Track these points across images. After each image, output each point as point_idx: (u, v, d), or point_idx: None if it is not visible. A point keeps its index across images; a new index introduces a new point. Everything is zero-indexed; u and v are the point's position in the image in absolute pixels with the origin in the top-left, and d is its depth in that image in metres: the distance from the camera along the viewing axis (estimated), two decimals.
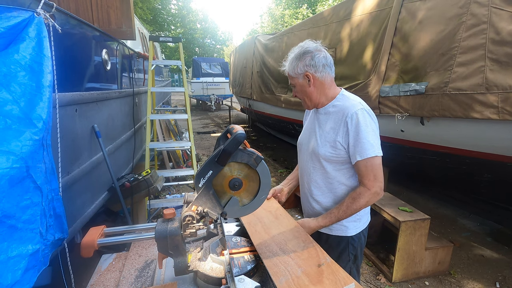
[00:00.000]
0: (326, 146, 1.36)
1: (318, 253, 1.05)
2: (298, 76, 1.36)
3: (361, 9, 3.39)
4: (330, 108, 1.39)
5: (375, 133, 1.28)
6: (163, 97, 9.04)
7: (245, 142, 1.06)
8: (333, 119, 1.36)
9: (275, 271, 0.95)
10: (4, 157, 0.93)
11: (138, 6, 15.99)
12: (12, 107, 1.04)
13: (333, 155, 1.35)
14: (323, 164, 1.40)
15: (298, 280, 0.90)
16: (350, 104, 1.33)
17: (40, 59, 1.22)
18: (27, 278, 0.96)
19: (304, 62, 1.33)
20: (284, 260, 1.01)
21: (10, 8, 1.16)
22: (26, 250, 0.97)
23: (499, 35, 2.17)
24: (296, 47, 1.38)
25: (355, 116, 1.27)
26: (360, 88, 3.33)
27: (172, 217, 1.05)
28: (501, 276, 2.75)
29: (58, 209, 1.27)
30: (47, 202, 1.17)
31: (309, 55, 1.32)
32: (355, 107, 1.29)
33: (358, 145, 1.26)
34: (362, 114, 1.27)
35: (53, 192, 1.24)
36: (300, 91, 1.40)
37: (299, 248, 1.08)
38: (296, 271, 0.95)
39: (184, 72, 4.05)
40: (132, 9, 3.24)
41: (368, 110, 1.32)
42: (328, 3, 19.13)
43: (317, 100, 1.40)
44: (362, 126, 1.25)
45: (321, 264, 0.97)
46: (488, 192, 3.62)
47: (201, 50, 36.74)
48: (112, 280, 1.33)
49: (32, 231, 1.02)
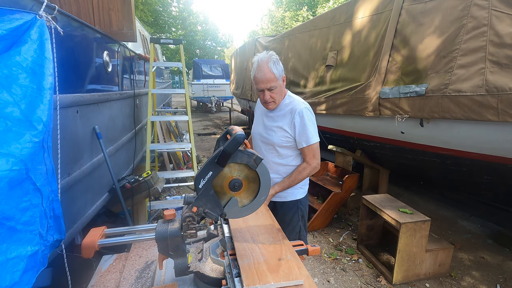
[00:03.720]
0: (278, 136, 1.73)
1: (282, 250, 1.17)
2: (280, 78, 1.66)
3: (361, 12, 3.41)
4: (282, 106, 1.74)
5: (314, 125, 1.71)
6: (164, 99, 9.06)
7: (245, 143, 1.06)
8: (283, 114, 1.72)
9: (241, 253, 1.11)
10: (3, 159, 0.94)
11: (139, 8, 16.04)
12: (13, 109, 1.04)
13: (284, 141, 1.73)
14: (277, 149, 1.77)
15: (259, 265, 1.05)
16: (296, 103, 1.70)
17: (42, 61, 1.23)
18: (25, 279, 0.96)
19: (281, 67, 1.65)
20: (252, 247, 1.17)
21: (13, 10, 1.17)
22: (25, 252, 0.97)
23: (500, 38, 2.17)
24: (264, 55, 1.64)
25: (300, 113, 1.65)
26: (360, 89, 3.33)
27: (173, 218, 1.06)
28: (502, 278, 2.74)
29: (57, 210, 1.27)
30: (48, 203, 1.17)
31: (279, 61, 1.66)
32: (300, 106, 1.67)
33: (304, 135, 1.66)
34: (306, 111, 1.66)
35: (53, 194, 1.24)
36: (278, 92, 1.68)
37: (267, 242, 1.23)
38: (259, 258, 1.10)
39: (185, 74, 4.06)
40: (133, 11, 3.25)
41: (309, 108, 1.72)
42: (328, 5, 19.19)
43: (281, 100, 1.74)
44: (306, 121, 1.65)
45: (282, 258, 1.10)
46: (488, 194, 3.61)
47: (201, 52, 36.81)
48: (113, 281, 1.33)
49: (31, 232, 1.02)
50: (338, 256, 3.10)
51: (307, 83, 4.48)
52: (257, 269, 1.03)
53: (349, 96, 3.50)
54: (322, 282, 2.70)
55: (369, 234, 3.22)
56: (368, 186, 4.50)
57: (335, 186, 3.73)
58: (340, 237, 3.47)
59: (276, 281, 0.97)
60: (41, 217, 1.10)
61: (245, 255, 1.11)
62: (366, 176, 4.47)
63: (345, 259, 3.04)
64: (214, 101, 14.84)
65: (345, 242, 3.37)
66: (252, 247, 1.17)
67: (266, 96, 1.67)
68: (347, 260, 3.02)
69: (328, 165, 4.38)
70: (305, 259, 2.97)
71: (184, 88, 3.82)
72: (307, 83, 4.50)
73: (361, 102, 3.33)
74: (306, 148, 1.70)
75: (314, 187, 4.17)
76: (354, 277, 2.76)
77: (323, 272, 2.85)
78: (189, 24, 32.54)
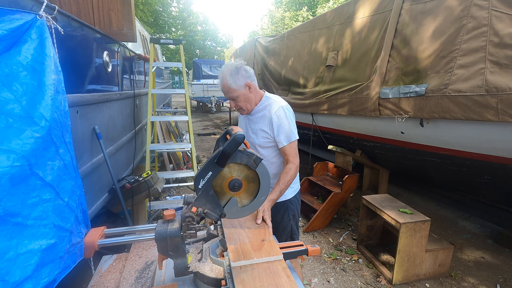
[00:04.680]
0: (260, 137, 1.77)
1: (265, 233, 1.36)
2: (240, 87, 1.66)
3: (361, 12, 3.41)
4: (260, 108, 1.77)
5: (292, 123, 1.71)
6: (164, 99, 9.06)
7: (245, 143, 1.06)
8: (262, 116, 1.75)
9: (229, 237, 1.28)
10: (4, 155, 0.94)
11: (139, 8, 16.05)
12: (14, 105, 1.04)
13: (265, 142, 1.76)
14: (258, 150, 1.80)
15: (244, 246, 1.21)
16: (273, 104, 1.72)
17: (42, 59, 1.23)
18: (44, 273, 0.97)
19: (241, 75, 1.65)
20: (239, 232, 1.35)
21: (13, 10, 1.17)
22: (38, 246, 0.98)
23: (499, 38, 2.18)
24: (225, 66, 1.69)
25: (277, 113, 1.67)
26: (360, 90, 3.34)
27: (172, 218, 1.06)
28: (502, 278, 2.74)
29: (84, 205, 1.29)
30: (75, 198, 1.19)
31: (243, 68, 1.66)
32: (277, 106, 1.69)
33: (282, 133, 1.67)
34: (282, 110, 1.69)
35: (79, 189, 1.26)
36: (244, 100, 1.70)
37: (253, 227, 1.41)
38: (244, 240, 1.27)
39: (185, 74, 4.06)
40: (133, 12, 3.25)
41: (286, 106, 1.73)
42: (328, 5, 19.19)
43: (254, 104, 1.76)
44: (283, 120, 1.67)
45: (265, 240, 1.28)
46: (488, 194, 3.61)
47: (201, 52, 36.81)
48: (113, 281, 1.33)
49: (45, 226, 1.02)
50: (338, 256, 3.10)
51: (307, 83, 4.48)
52: (242, 248, 1.18)
53: (349, 96, 3.51)
54: (322, 282, 2.70)
55: (369, 234, 3.22)
56: (368, 186, 4.50)
57: (335, 186, 3.73)
58: (340, 237, 3.47)
59: (259, 257, 1.11)
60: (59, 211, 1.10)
61: (232, 238, 1.27)
62: (366, 176, 4.47)
63: (345, 259, 3.04)
64: (214, 101, 14.83)
65: (345, 242, 3.37)
66: (239, 232, 1.34)
67: (231, 104, 1.76)
68: (347, 260, 3.02)
69: (328, 165, 4.38)
70: (305, 259, 2.97)
71: (184, 88, 3.82)
72: (307, 83, 4.50)
73: (361, 102, 3.33)
74: (288, 146, 1.69)
75: (314, 187, 4.18)
76: (354, 277, 2.76)
77: (323, 272, 2.85)
78: (189, 24, 32.55)
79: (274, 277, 1.02)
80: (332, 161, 4.42)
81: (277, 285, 0.98)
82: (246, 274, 1.03)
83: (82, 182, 1.29)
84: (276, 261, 1.11)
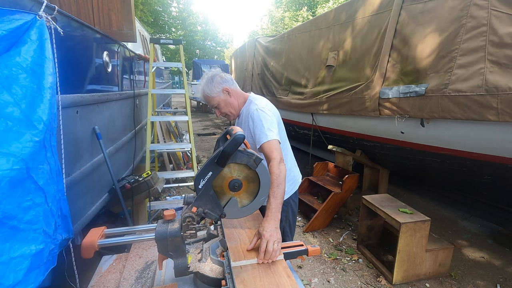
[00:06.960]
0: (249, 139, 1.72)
1: None
2: (218, 94, 1.68)
3: (361, 12, 3.41)
4: (244, 110, 1.78)
5: (268, 123, 1.63)
6: (164, 99, 9.06)
7: (245, 143, 1.06)
8: (243, 120, 1.76)
9: (229, 236, 1.29)
10: (4, 158, 0.94)
11: (139, 8, 16.05)
12: (13, 109, 1.04)
13: (252, 145, 1.69)
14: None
15: (244, 245, 1.21)
16: (250, 107, 1.71)
17: (42, 61, 1.23)
18: (31, 278, 0.96)
19: (217, 82, 1.67)
20: (239, 231, 1.35)
21: (13, 11, 1.17)
22: (29, 251, 0.97)
23: (499, 37, 2.17)
24: (201, 78, 1.72)
25: (252, 115, 1.66)
26: (360, 90, 3.33)
27: (172, 218, 1.06)
28: (502, 278, 2.74)
29: (64, 209, 1.28)
30: (55, 202, 1.17)
31: (217, 76, 1.68)
32: (252, 109, 1.68)
33: (257, 133, 1.63)
34: (256, 112, 1.66)
35: (60, 193, 1.25)
36: (225, 105, 1.72)
37: (253, 227, 1.41)
38: (245, 239, 1.27)
39: (185, 74, 4.06)
40: (133, 12, 3.26)
41: (261, 108, 1.68)
42: (328, 5, 19.19)
43: (238, 108, 1.77)
44: (257, 121, 1.63)
45: None
46: (488, 194, 3.61)
47: (201, 52, 36.83)
48: (113, 281, 1.33)
49: (35, 231, 1.02)
50: (338, 256, 3.10)
51: (308, 83, 4.49)
52: (243, 248, 1.19)
53: (349, 96, 3.50)
54: (322, 282, 2.70)
55: (369, 234, 3.22)
56: (368, 186, 4.50)
57: (335, 186, 3.73)
58: (340, 237, 3.47)
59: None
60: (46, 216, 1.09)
61: (232, 238, 1.28)
62: (366, 176, 4.47)
63: (345, 259, 3.04)
64: None
65: (345, 242, 3.37)
66: (239, 232, 1.35)
67: (217, 113, 1.80)
68: (347, 260, 3.02)
69: (328, 165, 4.38)
70: (305, 259, 2.97)
71: (184, 89, 3.82)
72: (307, 83, 4.50)
73: (361, 102, 3.33)
74: (265, 146, 1.53)
75: (314, 187, 4.18)
76: (354, 277, 2.76)
77: (323, 272, 2.85)
78: (189, 25, 32.56)
79: (274, 276, 1.02)
80: (332, 161, 4.42)
81: (278, 284, 0.98)
82: (247, 274, 1.03)
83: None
84: (276, 261, 1.12)
